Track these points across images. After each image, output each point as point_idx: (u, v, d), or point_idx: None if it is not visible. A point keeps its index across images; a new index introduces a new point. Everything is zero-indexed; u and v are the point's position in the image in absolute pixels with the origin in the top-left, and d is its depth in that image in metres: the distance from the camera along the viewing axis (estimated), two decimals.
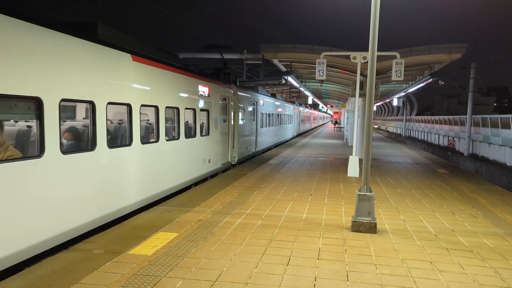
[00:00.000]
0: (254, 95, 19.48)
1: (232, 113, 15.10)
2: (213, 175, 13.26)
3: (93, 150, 6.79)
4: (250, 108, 18.44)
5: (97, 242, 6.24)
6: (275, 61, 20.27)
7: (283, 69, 22.21)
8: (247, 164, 16.16)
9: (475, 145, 28.62)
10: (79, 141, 6.83)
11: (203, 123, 12.02)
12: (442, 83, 22.09)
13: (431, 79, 21.44)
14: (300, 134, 41.56)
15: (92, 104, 6.76)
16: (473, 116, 28.91)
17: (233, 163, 15.41)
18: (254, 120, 19.27)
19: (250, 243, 6.40)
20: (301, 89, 30.30)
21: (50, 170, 5.74)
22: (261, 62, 25.24)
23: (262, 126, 21.43)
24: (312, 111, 63.38)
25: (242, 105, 16.67)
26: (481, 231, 7.49)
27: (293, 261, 5.67)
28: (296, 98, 51.53)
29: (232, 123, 15.12)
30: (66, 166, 6.09)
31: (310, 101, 45.00)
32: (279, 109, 27.66)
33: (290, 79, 22.10)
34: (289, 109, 33.60)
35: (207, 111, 12.21)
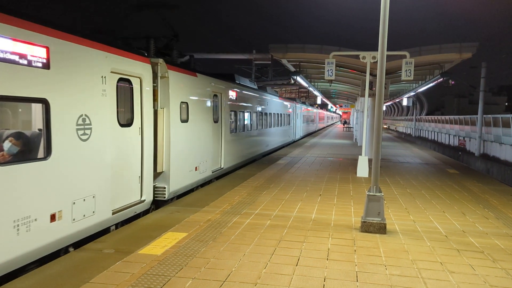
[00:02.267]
0: (214, 82, 12.46)
1: (152, 110, 8.56)
2: (82, 241, 6.42)
3: None
4: (206, 103, 11.59)
5: (107, 241, 6.29)
6: (284, 61, 20.26)
7: (292, 69, 22.20)
8: (256, 164, 16.09)
9: (486, 145, 28.33)
10: None
11: (38, 131, 5.75)
12: (453, 82, 21.94)
13: (441, 79, 21.26)
14: (303, 138, 36.16)
15: None
16: (484, 115, 28.63)
17: (163, 198, 9.16)
18: (217, 121, 12.55)
19: (259, 243, 6.40)
20: (310, 89, 30.26)
21: None
22: (270, 62, 25.29)
23: (235, 130, 14.67)
24: (319, 110, 61.06)
25: (182, 96, 9.86)
26: (492, 232, 7.42)
27: (302, 262, 5.67)
28: (305, 98, 51.51)
29: (151, 128, 8.47)
30: None
31: (319, 101, 44.88)
32: (269, 107, 21.46)
33: (299, 79, 22.07)
34: (287, 107, 27.78)
35: (44, 103, 5.57)
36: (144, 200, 8.23)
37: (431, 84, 24.68)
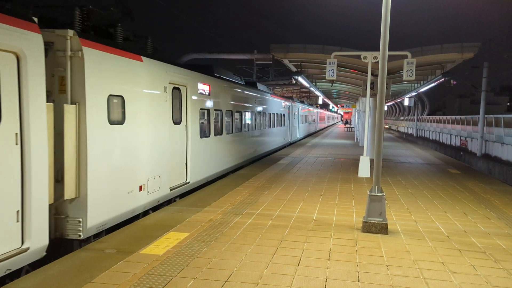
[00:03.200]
0: (174, 71, 9.36)
1: (45, 105, 5.47)
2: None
3: None
4: (159, 99, 8.58)
5: (109, 241, 6.29)
6: (285, 61, 20.28)
7: (294, 69, 22.21)
8: (258, 164, 16.09)
9: (488, 145, 28.28)
10: None
11: None
12: (454, 82, 21.92)
13: (443, 79, 21.26)
14: (302, 139, 33.71)
15: None
16: (486, 115, 28.58)
17: (77, 237, 6.24)
18: (179, 123, 9.61)
19: (261, 243, 6.41)
20: (312, 89, 30.26)
21: None
22: (271, 62, 25.28)
23: (208, 134, 11.61)
24: (320, 110, 59.88)
25: (112, 87, 6.94)
26: (494, 232, 7.41)
27: (304, 262, 5.67)
28: (307, 98, 51.49)
29: (44, 134, 5.44)
30: None
31: (320, 101, 44.87)
32: (258, 106, 18.39)
33: (300, 79, 22.09)
34: (282, 106, 24.53)
35: None
36: (28, 247, 5.18)
37: (432, 84, 24.67)
